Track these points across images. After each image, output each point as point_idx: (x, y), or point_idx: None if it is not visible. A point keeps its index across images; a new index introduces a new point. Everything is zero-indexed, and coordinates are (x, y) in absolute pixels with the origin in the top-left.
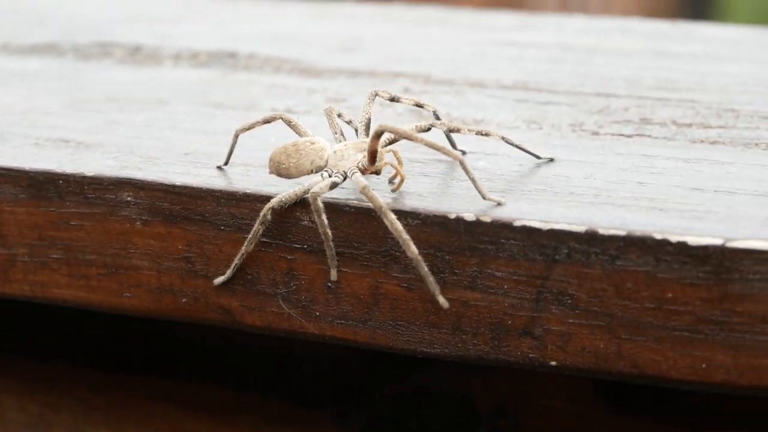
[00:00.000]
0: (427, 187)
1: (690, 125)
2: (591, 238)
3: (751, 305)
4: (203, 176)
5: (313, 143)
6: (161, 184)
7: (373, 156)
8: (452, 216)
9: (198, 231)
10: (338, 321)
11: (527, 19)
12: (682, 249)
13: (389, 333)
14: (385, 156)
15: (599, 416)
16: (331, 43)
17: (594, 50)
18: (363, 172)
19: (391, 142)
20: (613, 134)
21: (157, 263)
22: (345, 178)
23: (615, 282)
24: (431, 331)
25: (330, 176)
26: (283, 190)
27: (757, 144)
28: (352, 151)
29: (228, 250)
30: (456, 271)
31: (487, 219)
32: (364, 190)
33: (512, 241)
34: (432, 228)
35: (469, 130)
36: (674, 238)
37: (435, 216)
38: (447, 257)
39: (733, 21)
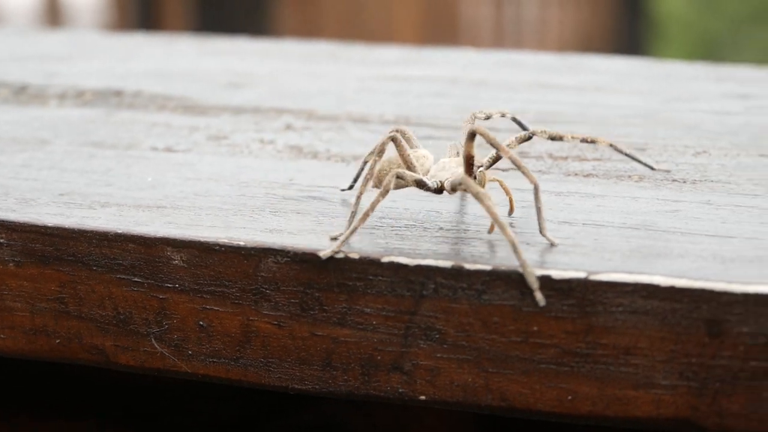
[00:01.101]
0: (298, 224)
1: (566, 158)
2: (457, 273)
3: (615, 337)
4: (76, 217)
5: (419, 155)
6: (34, 225)
7: (469, 160)
8: (321, 253)
9: (71, 272)
10: (210, 359)
11: (418, 54)
12: (546, 283)
13: (261, 370)
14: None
15: None
16: (220, 80)
17: (481, 84)
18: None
19: (494, 160)
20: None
21: (31, 304)
22: (440, 188)
23: (482, 316)
24: (302, 368)
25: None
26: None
27: (630, 176)
28: (453, 164)
29: (101, 290)
30: (326, 307)
31: (355, 256)
32: (463, 179)
33: (380, 278)
34: (301, 265)
35: (573, 137)
36: (538, 272)
37: (304, 253)
38: (317, 294)
39: (669, 53)
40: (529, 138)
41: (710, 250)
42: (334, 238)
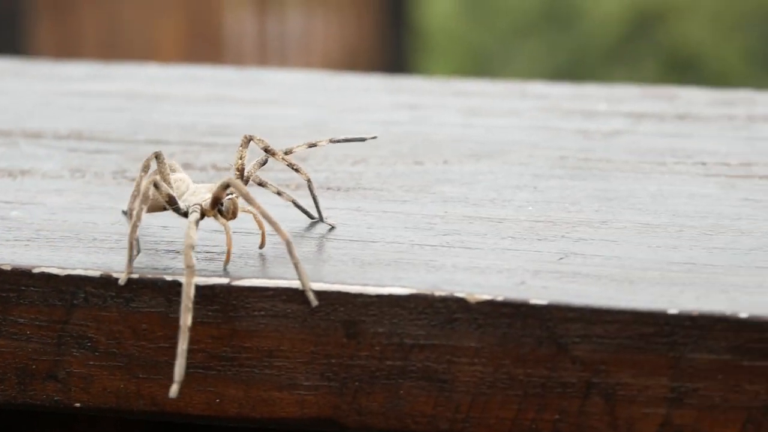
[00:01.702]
0: None
1: (228, 169)
2: (106, 282)
3: (258, 341)
4: None
5: (177, 177)
6: None
7: (215, 202)
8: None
9: None
10: None
11: (102, 69)
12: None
13: None
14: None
15: None
16: None
17: (159, 98)
18: (203, 213)
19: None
20: None
21: None
22: (186, 211)
23: (131, 324)
24: None
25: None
26: None
27: (287, 185)
28: (204, 190)
29: None
30: None
31: (7, 267)
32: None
33: (32, 288)
34: None
35: (284, 158)
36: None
37: None
38: None
39: (437, 67)
40: (265, 162)
41: (352, 254)
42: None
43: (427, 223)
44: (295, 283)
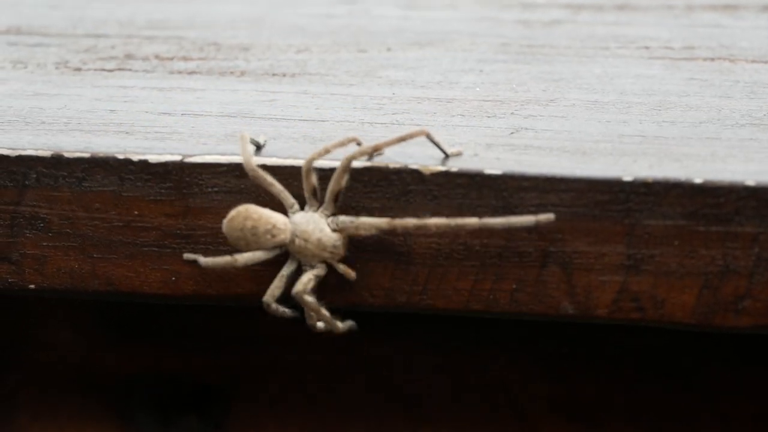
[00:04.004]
0: None
1: (172, 59)
2: (57, 161)
3: (212, 217)
4: None
5: None
6: None
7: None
8: None
9: None
10: None
11: None
12: (144, 167)
13: None
14: None
15: (104, 344)
16: None
17: None
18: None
19: None
20: (95, 69)
21: None
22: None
23: (84, 203)
24: None
25: None
26: None
27: (232, 72)
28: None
29: None
30: None
31: None
32: None
33: None
34: None
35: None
36: (136, 157)
37: None
38: None
39: None
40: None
41: (302, 132)
42: None
43: (376, 104)
44: None
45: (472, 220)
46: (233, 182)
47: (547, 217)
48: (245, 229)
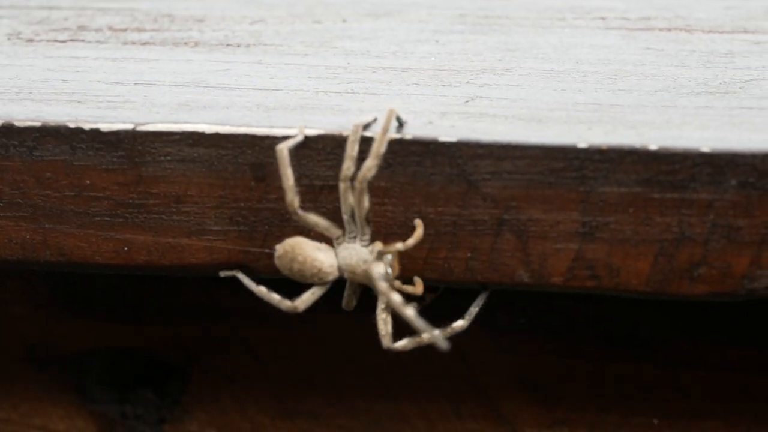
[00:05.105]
0: None
1: (125, 30)
2: (8, 131)
3: (166, 186)
4: None
5: None
6: None
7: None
8: None
9: None
10: None
11: None
12: (96, 136)
13: None
14: None
15: (59, 318)
16: None
17: None
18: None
19: None
20: (48, 41)
21: None
22: None
23: (35, 173)
24: None
25: None
26: None
27: (186, 43)
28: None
29: None
30: None
31: None
32: None
33: None
34: None
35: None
36: (87, 126)
37: None
38: None
39: None
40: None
41: (256, 101)
42: None
43: (331, 74)
44: (201, 127)
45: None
46: (186, 151)
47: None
48: (293, 270)
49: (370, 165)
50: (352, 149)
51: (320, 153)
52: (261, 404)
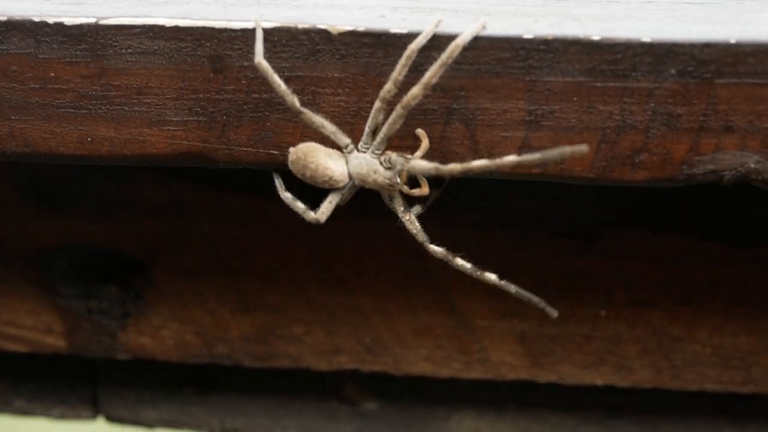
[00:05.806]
0: None
1: None
2: None
3: (127, 78)
4: None
5: None
6: None
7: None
8: None
9: None
10: None
11: None
12: (60, 29)
13: None
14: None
15: (24, 216)
16: None
17: None
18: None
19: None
20: None
21: None
22: None
23: (1, 66)
24: None
25: None
26: None
27: None
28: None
29: None
30: None
31: None
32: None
33: None
34: None
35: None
36: (51, 20)
37: None
38: None
39: None
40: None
41: None
42: None
43: None
44: (161, 21)
45: (511, 158)
46: (147, 44)
47: (580, 148)
48: (306, 176)
49: (417, 93)
50: (399, 72)
51: (276, 45)
52: (222, 298)
